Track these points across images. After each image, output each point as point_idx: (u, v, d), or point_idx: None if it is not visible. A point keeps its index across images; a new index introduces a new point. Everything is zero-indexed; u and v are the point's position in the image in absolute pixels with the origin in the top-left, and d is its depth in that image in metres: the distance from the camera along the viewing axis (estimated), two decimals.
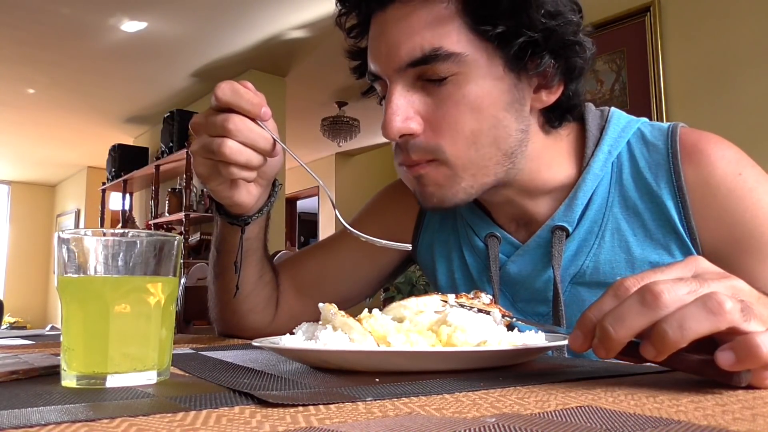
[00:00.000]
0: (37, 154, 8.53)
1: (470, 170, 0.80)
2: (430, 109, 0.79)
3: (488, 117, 0.78)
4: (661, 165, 0.84)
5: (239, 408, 0.39)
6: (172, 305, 0.56)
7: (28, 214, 10.06)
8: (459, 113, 0.78)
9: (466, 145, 0.78)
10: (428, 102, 0.79)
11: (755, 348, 0.42)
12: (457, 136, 0.78)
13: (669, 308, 0.44)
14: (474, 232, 0.96)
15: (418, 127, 0.79)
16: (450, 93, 0.78)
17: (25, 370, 0.54)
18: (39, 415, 0.36)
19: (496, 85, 0.79)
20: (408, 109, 0.79)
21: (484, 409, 0.39)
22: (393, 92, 0.79)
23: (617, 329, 0.45)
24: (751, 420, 0.34)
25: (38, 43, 4.91)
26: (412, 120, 0.78)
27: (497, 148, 0.80)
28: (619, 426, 0.33)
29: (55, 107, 6.55)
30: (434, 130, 0.79)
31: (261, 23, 4.63)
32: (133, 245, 0.54)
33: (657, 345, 0.44)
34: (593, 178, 0.86)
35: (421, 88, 0.79)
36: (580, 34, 0.80)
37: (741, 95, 2.64)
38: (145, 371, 0.52)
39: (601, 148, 0.86)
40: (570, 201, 0.86)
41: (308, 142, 7.44)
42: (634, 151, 0.86)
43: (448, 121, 0.78)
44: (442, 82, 0.77)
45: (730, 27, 2.70)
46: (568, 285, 0.88)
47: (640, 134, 0.88)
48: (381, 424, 0.34)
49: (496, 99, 0.79)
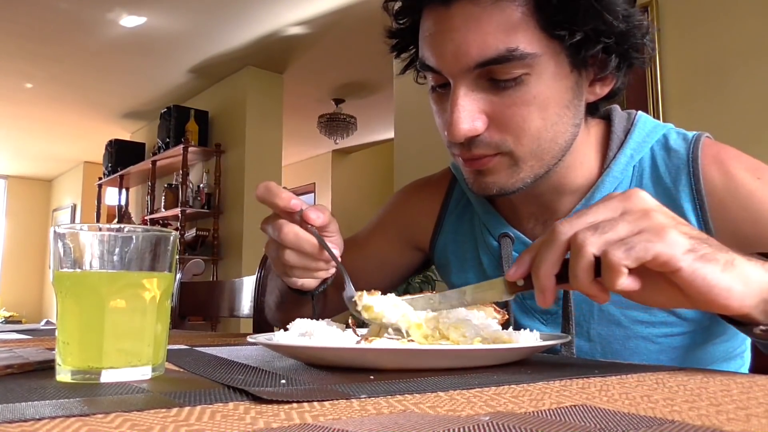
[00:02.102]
0: (34, 149, 8.50)
1: (530, 162, 0.80)
2: (496, 108, 0.78)
3: (552, 115, 0.78)
4: (681, 169, 0.84)
5: (234, 404, 0.39)
6: (167, 301, 0.56)
7: (24, 208, 10.03)
8: (527, 113, 0.77)
9: (530, 141, 0.79)
10: (494, 101, 0.78)
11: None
12: (522, 133, 0.78)
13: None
14: (489, 233, 0.96)
15: (483, 126, 0.78)
16: (519, 93, 0.77)
17: (20, 365, 0.54)
18: (33, 410, 0.36)
19: (563, 83, 0.79)
20: (474, 110, 0.78)
21: (479, 408, 0.39)
22: (459, 93, 0.78)
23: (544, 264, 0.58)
24: (745, 420, 0.35)
25: (36, 37, 4.89)
26: (477, 120, 0.78)
27: (556, 142, 0.81)
28: (613, 425, 0.33)
29: (52, 102, 6.53)
30: (499, 127, 0.78)
31: (259, 20, 4.62)
32: (129, 240, 0.54)
33: None
34: (612, 180, 0.86)
35: (486, 86, 0.78)
36: (647, 37, 0.80)
37: (738, 94, 2.64)
38: (139, 366, 0.52)
39: (624, 152, 0.86)
40: (587, 201, 0.86)
41: (305, 138, 7.44)
42: (656, 158, 0.87)
43: (515, 120, 0.77)
44: (511, 82, 0.76)
45: (727, 26, 2.70)
46: None
47: (663, 140, 0.88)
48: (375, 421, 0.34)
49: (562, 97, 0.79)
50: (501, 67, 0.75)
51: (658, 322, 0.83)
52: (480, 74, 0.76)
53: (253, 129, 5.54)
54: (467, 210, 1.03)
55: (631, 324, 0.84)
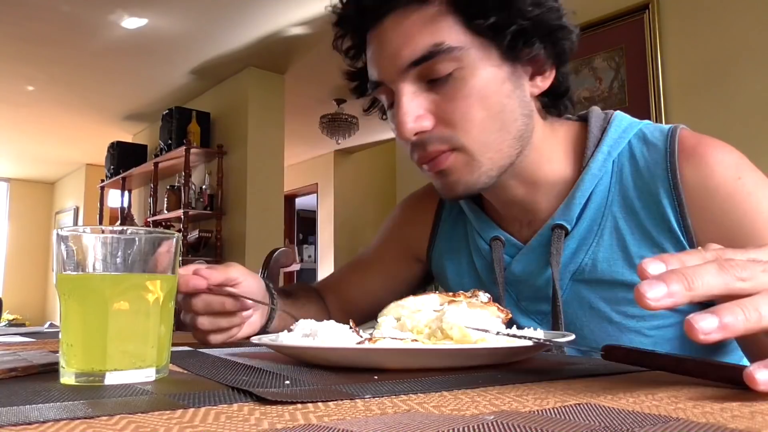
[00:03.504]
0: (36, 151, 8.51)
1: (487, 153, 0.84)
2: (439, 106, 0.82)
3: (494, 104, 0.82)
4: (658, 164, 0.84)
5: (238, 405, 0.39)
6: (170, 302, 0.56)
7: (26, 211, 10.04)
8: (468, 105, 0.81)
9: (478, 131, 0.82)
10: (436, 99, 0.83)
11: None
12: (468, 125, 0.82)
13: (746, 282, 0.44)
14: (480, 237, 0.99)
15: (430, 124, 0.83)
16: (456, 87, 0.81)
17: (23, 368, 0.54)
18: (38, 413, 0.36)
19: (497, 74, 0.83)
20: (418, 109, 0.82)
21: (483, 407, 0.39)
22: (401, 95, 0.83)
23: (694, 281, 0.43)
24: (750, 417, 0.34)
25: (38, 40, 4.89)
26: (423, 118, 0.82)
27: (507, 131, 0.84)
28: (618, 423, 0.33)
29: (54, 104, 6.53)
30: (446, 123, 0.82)
31: (260, 20, 4.62)
32: (132, 242, 0.54)
33: None
34: (591, 178, 0.87)
35: (427, 88, 0.83)
36: (564, 18, 0.85)
37: (740, 93, 2.63)
38: (143, 368, 0.52)
39: (601, 149, 0.88)
40: (569, 200, 0.88)
41: (307, 139, 7.43)
42: (635, 151, 0.88)
43: (458, 113, 0.82)
44: (446, 78, 0.81)
45: (728, 24, 2.70)
46: (569, 282, 0.89)
47: (641, 135, 0.88)
48: (379, 421, 0.34)
49: (499, 87, 0.83)
50: (432, 63, 0.80)
51: (648, 315, 0.84)
52: (417, 75, 0.82)
53: (254, 130, 5.54)
54: (460, 218, 1.06)
55: (623, 319, 0.85)
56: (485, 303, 0.68)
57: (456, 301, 0.67)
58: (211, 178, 5.80)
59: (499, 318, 0.68)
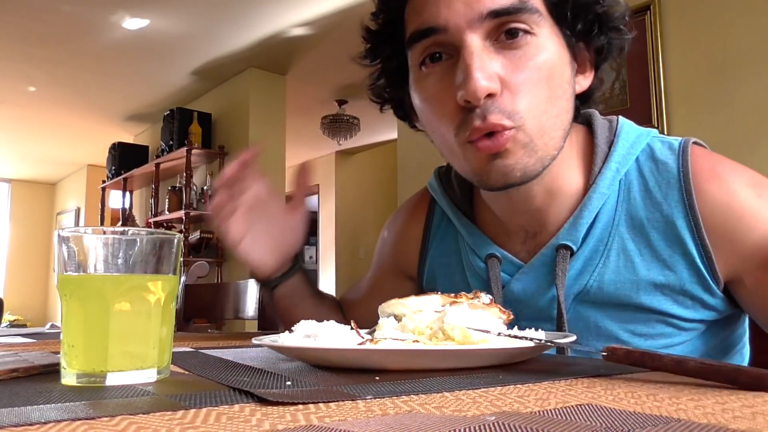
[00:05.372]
0: (38, 152, 8.52)
1: (543, 138, 0.77)
2: (507, 71, 0.74)
3: (558, 86, 0.78)
4: (671, 184, 0.81)
5: (239, 406, 0.39)
6: (172, 303, 0.56)
7: (28, 212, 10.05)
8: (537, 78, 0.75)
9: (540, 110, 0.76)
10: (505, 63, 0.75)
11: None
12: (533, 100, 0.75)
13: None
14: (475, 254, 0.93)
15: (499, 87, 0.74)
16: (528, 55, 0.75)
17: (25, 368, 0.54)
18: (39, 413, 0.36)
19: (563, 55, 0.79)
20: (490, 67, 0.73)
21: (484, 408, 0.39)
22: (473, 47, 0.73)
23: None
24: (751, 418, 0.34)
25: (39, 40, 4.90)
26: (494, 79, 0.73)
27: (560, 120, 0.79)
28: (619, 424, 0.33)
29: (55, 105, 6.54)
30: (512, 92, 0.75)
31: (261, 21, 4.62)
32: (133, 243, 0.54)
33: None
34: (599, 196, 0.83)
35: (496, 48, 0.75)
36: (626, 17, 0.82)
37: (741, 94, 2.63)
38: (145, 369, 0.52)
39: (609, 166, 0.84)
40: (575, 219, 0.84)
41: (308, 140, 7.43)
42: (643, 170, 0.84)
43: (527, 84, 0.75)
44: (520, 43, 0.75)
45: (730, 25, 2.69)
46: (572, 303, 0.85)
47: (649, 151, 0.85)
48: (381, 422, 0.34)
49: (563, 69, 0.79)
50: (513, 19, 0.74)
51: (656, 334, 0.82)
52: (490, 30, 0.75)
53: (256, 131, 5.54)
54: (449, 230, 1.00)
55: (631, 337, 0.82)
56: (487, 304, 0.68)
57: (458, 302, 0.67)
58: (213, 179, 5.80)
59: (500, 319, 0.68)
